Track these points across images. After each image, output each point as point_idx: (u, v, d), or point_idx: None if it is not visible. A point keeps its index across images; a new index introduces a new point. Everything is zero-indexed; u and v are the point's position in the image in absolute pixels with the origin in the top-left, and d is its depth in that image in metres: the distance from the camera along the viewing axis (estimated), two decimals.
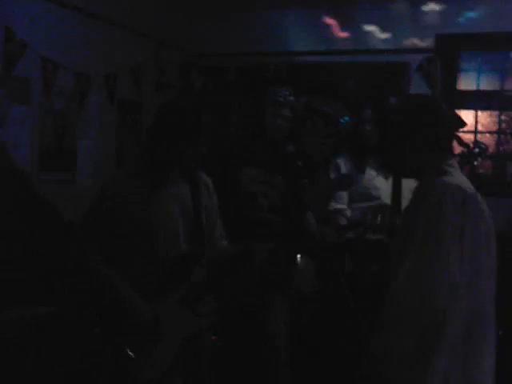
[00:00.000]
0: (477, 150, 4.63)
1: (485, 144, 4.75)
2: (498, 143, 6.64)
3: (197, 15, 7.29)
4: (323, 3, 6.81)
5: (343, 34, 6.88)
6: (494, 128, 6.67)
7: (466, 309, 2.62)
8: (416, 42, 6.56)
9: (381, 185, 4.78)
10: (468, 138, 6.48)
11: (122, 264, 3.24)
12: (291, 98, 4.39)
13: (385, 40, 6.66)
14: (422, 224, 2.70)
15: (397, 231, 3.19)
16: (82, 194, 5.44)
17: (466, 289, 2.62)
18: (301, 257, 4.41)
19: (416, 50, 6.53)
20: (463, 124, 3.01)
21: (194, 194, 3.38)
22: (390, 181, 4.73)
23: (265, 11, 7.09)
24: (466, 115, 6.55)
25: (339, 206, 4.75)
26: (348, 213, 4.77)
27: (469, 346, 2.65)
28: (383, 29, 6.69)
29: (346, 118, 6.02)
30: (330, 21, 6.91)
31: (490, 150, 6.44)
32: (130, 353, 3.12)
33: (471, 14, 6.38)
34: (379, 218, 4.51)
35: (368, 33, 6.75)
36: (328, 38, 6.92)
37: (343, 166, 4.85)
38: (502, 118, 6.64)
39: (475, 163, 4.59)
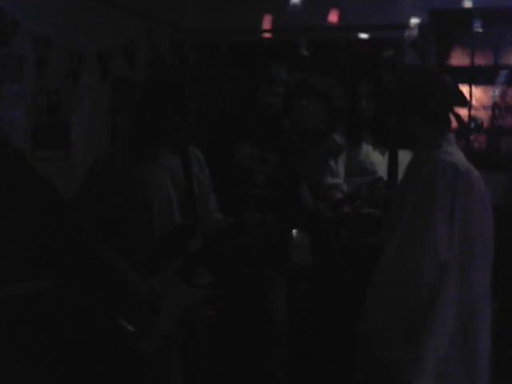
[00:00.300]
0: (473, 124, 4.64)
1: (481, 119, 4.76)
2: (493, 118, 6.65)
3: None
4: None
5: (335, 11, 6.85)
6: (489, 103, 6.68)
7: (457, 287, 2.59)
8: (410, 17, 6.52)
9: (377, 159, 4.77)
10: (463, 113, 6.48)
11: (116, 238, 3.24)
12: (284, 73, 4.37)
13: (379, 15, 6.63)
14: (411, 200, 2.68)
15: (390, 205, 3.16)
16: (76, 171, 5.45)
17: (456, 267, 2.58)
18: (296, 231, 4.41)
19: (410, 26, 6.51)
20: (465, 101, 2.97)
21: (185, 165, 3.37)
22: (387, 155, 4.72)
23: None
24: None
25: (335, 181, 4.74)
26: (344, 187, 4.76)
27: (463, 326, 2.62)
28: (377, 4, 6.67)
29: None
30: None
31: (485, 124, 6.46)
32: (129, 326, 3.11)
33: None
34: (374, 192, 4.50)
35: (362, 8, 6.73)
36: (321, 14, 6.89)
37: (339, 140, 4.83)
38: (496, 93, 6.64)
39: (471, 138, 4.61)
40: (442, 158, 2.71)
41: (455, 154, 2.77)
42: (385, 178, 4.60)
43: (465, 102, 2.98)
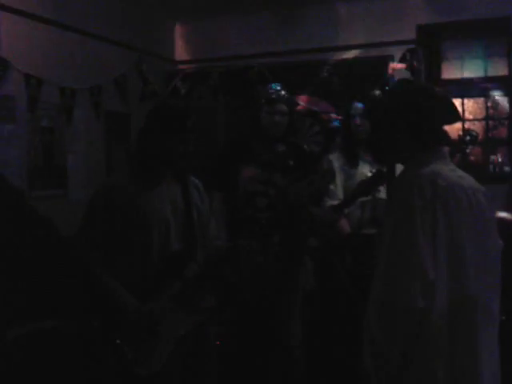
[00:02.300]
0: (468, 137, 4.64)
1: (475, 131, 4.76)
2: (487, 129, 6.66)
3: (176, 21, 7.31)
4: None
5: (323, 31, 6.87)
6: (481, 115, 6.69)
7: (445, 307, 2.49)
8: (397, 34, 6.54)
9: None
10: (457, 126, 6.50)
11: (116, 264, 3.30)
12: (283, 92, 4.39)
13: (366, 34, 6.65)
14: (392, 222, 2.61)
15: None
16: (73, 209, 5.43)
17: (445, 286, 2.49)
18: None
19: (398, 42, 6.52)
20: (457, 118, 2.88)
21: (184, 193, 3.43)
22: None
23: (242, 14, 7.09)
24: None
25: (334, 202, 4.73)
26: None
27: (453, 346, 2.52)
28: (364, 23, 6.70)
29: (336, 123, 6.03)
30: (309, 19, 6.91)
31: (479, 136, 6.47)
32: (128, 350, 3.17)
33: (451, 3, 6.38)
34: (374, 212, 4.49)
35: (349, 28, 6.76)
36: (308, 36, 6.92)
37: (336, 161, 4.83)
38: (489, 104, 6.66)
39: (467, 151, 4.60)
40: (418, 175, 2.64)
41: (442, 169, 2.68)
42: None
43: (457, 119, 2.90)
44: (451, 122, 2.90)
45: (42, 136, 5.51)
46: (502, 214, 4.55)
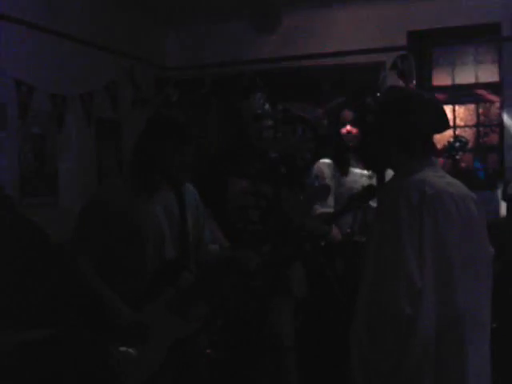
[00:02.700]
0: (457, 144, 4.65)
1: (465, 137, 4.77)
2: (478, 136, 6.67)
3: (167, 27, 7.31)
4: (294, 6, 6.83)
5: (315, 38, 6.87)
6: (473, 121, 6.70)
7: (433, 315, 2.50)
8: (389, 40, 6.55)
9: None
10: (448, 133, 6.50)
11: (110, 271, 3.29)
12: (267, 105, 4.39)
13: (358, 40, 6.66)
14: (379, 230, 2.62)
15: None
16: (65, 216, 5.42)
17: (432, 294, 2.50)
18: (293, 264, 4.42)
19: (389, 49, 6.53)
20: (446, 125, 2.85)
21: (180, 201, 3.43)
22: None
23: (234, 20, 7.09)
24: None
25: (325, 210, 4.73)
26: None
27: (441, 354, 2.53)
28: (355, 29, 6.70)
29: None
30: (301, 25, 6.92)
31: (471, 143, 6.48)
32: (118, 359, 3.16)
33: (442, 9, 6.39)
34: (365, 220, 4.49)
35: (341, 34, 6.77)
36: (300, 42, 6.92)
37: (326, 169, 4.83)
38: (480, 111, 6.67)
39: (457, 157, 4.60)
40: (405, 184, 2.65)
41: (430, 176, 2.68)
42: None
43: (446, 126, 2.88)
44: (440, 130, 2.89)
45: (33, 143, 5.49)
46: None
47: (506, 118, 6.27)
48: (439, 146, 4.90)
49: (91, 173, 6.20)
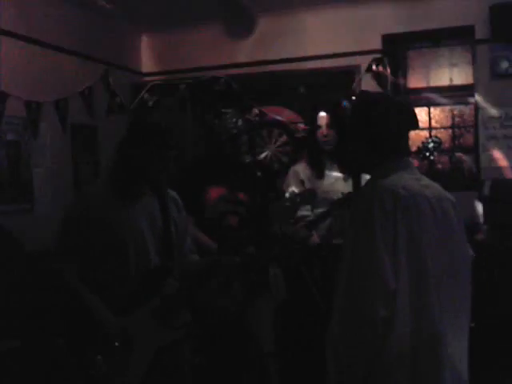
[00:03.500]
0: (431, 144, 4.66)
1: (438, 137, 4.79)
2: (453, 138, 6.71)
3: (142, 33, 7.30)
4: (268, 10, 6.83)
5: (289, 42, 6.88)
6: (448, 123, 6.74)
7: (408, 318, 2.49)
8: (363, 43, 6.57)
9: (343, 188, 4.76)
10: (423, 134, 6.54)
11: (94, 278, 3.28)
12: (240, 121, 4.40)
13: (332, 44, 6.67)
14: (353, 233, 2.61)
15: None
16: (40, 223, 5.38)
17: (406, 297, 2.48)
18: (271, 268, 4.42)
19: (364, 52, 6.55)
20: (412, 127, 2.86)
21: (162, 207, 3.44)
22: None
23: (208, 25, 7.09)
24: (419, 112, 6.62)
25: (303, 213, 4.74)
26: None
27: (417, 357, 2.51)
28: (330, 33, 6.71)
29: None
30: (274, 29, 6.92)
31: (446, 144, 6.52)
32: (102, 365, 3.14)
33: (416, 12, 6.42)
34: (344, 223, 4.49)
35: (315, 38, 6.77)
36: (274, 46, 6.92)
37: (302, 172, 4.84)
38: (455, 112, 6.71)
39: (431, 158, 4.62)
40: (379, 186, 2.64)
41: (405, 179, 2.67)
42: None
43: (415, 126, 2.88)
44: (409, 129, 2.88)
45: (8, 150, 5.45)
46: None
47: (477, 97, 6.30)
48: (414, 148, 4.92)
49: (67, 180, 6.16)
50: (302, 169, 4.86)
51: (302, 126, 6.49)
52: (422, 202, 2.62)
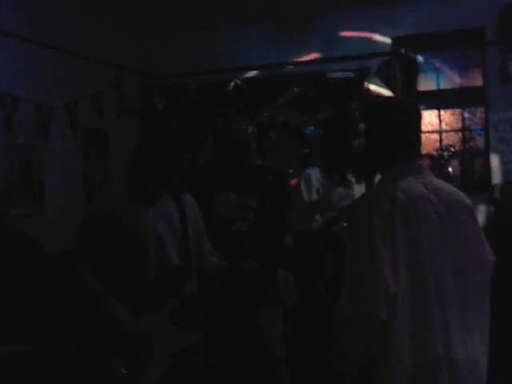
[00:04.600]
0: (446, 153, 4.66)
1: (453, 147, 4.78)
2: (463, 140, 6.69)
3: (152, 36, 7.31)
4: (277, 14, 6.83)
5: (299, 45, 6.88)
6: (458, 126, 6.73)
7: (407, 319, 2.50)
8: (373, 46, 6.56)
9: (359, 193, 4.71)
10: (433, 137, 6.53)
11: (113, 280, 3.30)
12: (251, 128, 4.39)
13: (343, 47, 6.67)
14: (354, 237, 2.62)
15: None
16: (52, 226, 5.40)
17: (406, 300, 2.49)
18: (281, 271, 4.41)
19: (374, 55, 6.54)
20: (418, 125, 2.88)
21: (180, 210, 3.45)
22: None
23: (219, 29, 7.09)
24: (429, 115, 6.61)
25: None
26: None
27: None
28: (340, 36, 6.72)
29: (312, 129, 6.03)
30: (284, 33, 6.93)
31: (457, 147, 6.50)
32: (121, 367, 3.14)
33: (425, 15, 6.41)
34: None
35: (326, 41, 6.78)
36: (284, 49, 6.93)
37: (314, 176, 4.81)
38: (465, 115, 6.70)
39: (449, 169, 4.61)
40: (378, 191, 2.68)
41: (408, 183, 2.65)
42: None
43: (418, 126, 2.88)
44: (416, 127, 2.87)
45: (19, 153, 5.47)
46: None
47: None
48: (425, 152, 4.91)
49: (78, 183, 6.18)
50: (314, 173, 4.82)
51: (312, 129, 6.48)
52: (424, 206, 2.61)
